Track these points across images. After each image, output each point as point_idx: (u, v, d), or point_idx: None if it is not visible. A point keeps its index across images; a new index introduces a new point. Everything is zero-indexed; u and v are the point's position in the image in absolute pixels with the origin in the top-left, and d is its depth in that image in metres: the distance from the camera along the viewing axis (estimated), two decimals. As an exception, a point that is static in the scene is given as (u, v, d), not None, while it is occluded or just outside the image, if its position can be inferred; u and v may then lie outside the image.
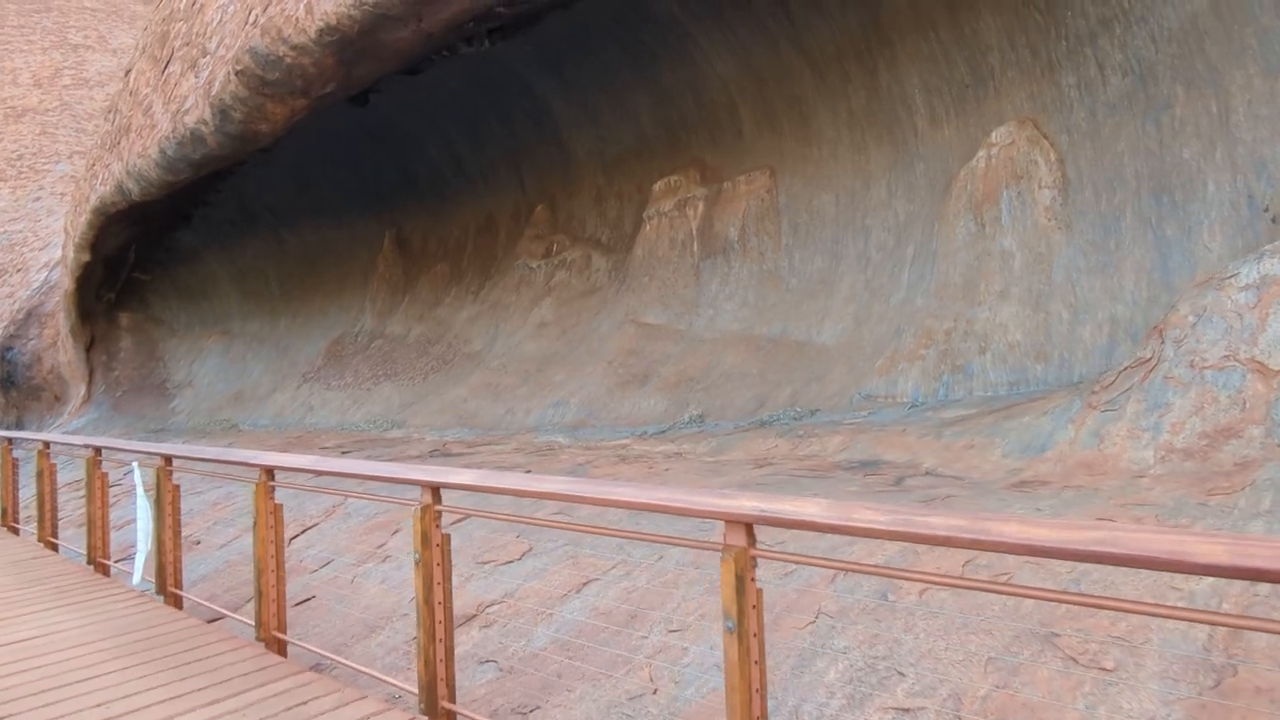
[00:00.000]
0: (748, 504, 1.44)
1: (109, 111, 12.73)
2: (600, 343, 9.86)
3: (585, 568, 3.63)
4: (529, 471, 5.79)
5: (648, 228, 10.68)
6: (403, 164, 14.72)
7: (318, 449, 8.83)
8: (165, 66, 10.43)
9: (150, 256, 17.66)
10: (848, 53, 8.98)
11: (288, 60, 7.58)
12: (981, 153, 7.42)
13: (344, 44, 7.44)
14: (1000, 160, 7.28)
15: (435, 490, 2.15)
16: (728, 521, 1.47)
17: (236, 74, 7.92)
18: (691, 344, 9.14)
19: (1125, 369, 4.42)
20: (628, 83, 11.28)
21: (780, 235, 9.50)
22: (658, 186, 10.83)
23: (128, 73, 12.42)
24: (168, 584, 3.63)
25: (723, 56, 10.12)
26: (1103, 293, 6.26)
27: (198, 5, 10.28)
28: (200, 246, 17.99)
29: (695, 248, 10.08)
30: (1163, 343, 4.27)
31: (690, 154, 10.83)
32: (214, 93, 8.36)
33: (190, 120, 8.86)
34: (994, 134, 7.37)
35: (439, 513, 2.13)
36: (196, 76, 9.22)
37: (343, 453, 7.91)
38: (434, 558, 2.11)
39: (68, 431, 15.98)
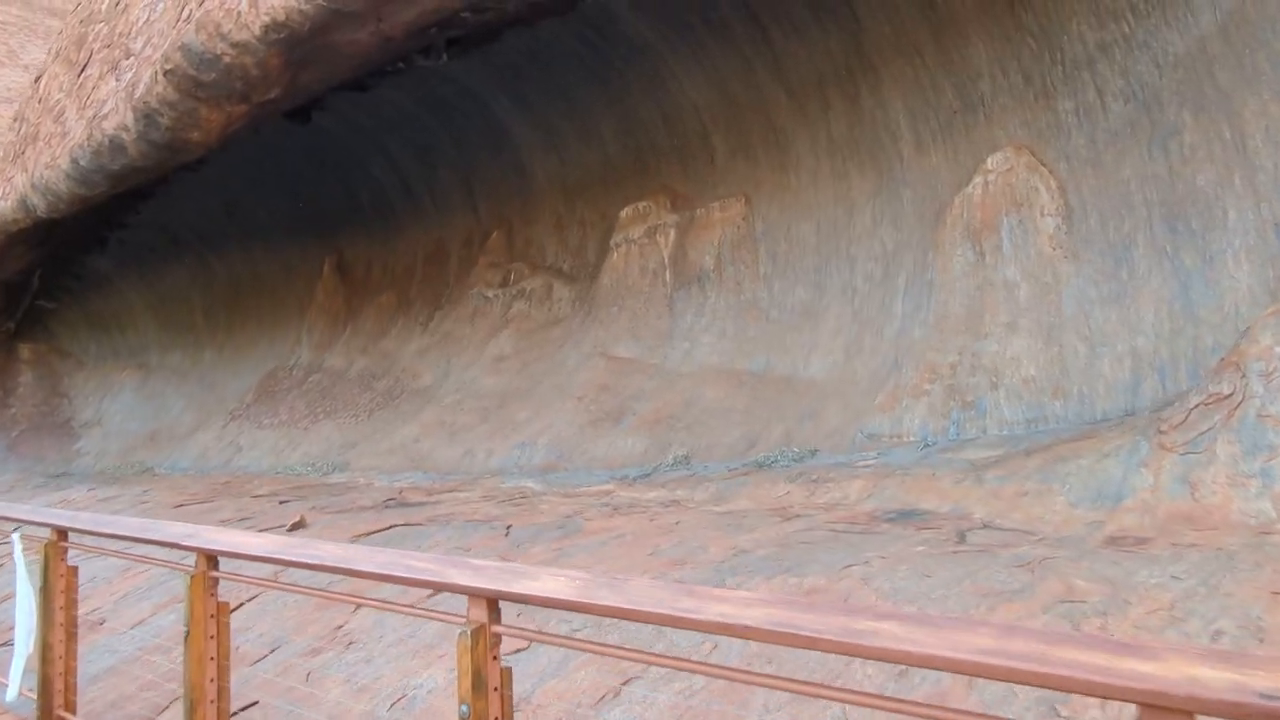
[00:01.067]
0: (1198, 673, 0.72)
1: (14, 121, 11.40)
2: (567, 378, 9.08)
3: (617, 660, 2.85)
4: (509, 528, 4.94)
5: (615, 256, 10.02)
6: (346, 186, 13.73)
7: (249, 496, 7.72)
8: (82, 70, 9.31)
9: (58, 282, 16.01)
10: (828, 78, 8.61)
11: (226, 59, 6.67)
12: (977, 179, 7.05)
13: (293, 43, 6.59)
14: (998, 187, 6.92)
15: (493, 603, 1.35)
16: (1151, 708, 0.73)
17: (165, 74, 6.95)
18: (668, 379, 8.46)
19: (1198, 406, 3.93)
20: (593, 106, 10.70)
21: (759, 265, 8.97)
22: (625, 213, 10.21)
23: (38, 79, 11.16)
24: (54, 705, 2.62)
25: (695, 81, 9.64)
26: (1120, 324, 5.87)
27: (122, 5, 9.25)
28: (115, 272, 16.44)
29: (668, 277, 9.46)
30: (1244, 377, 3.80)
31: (659, 180, 10.27)
32: (138, 95, 7.34)
33: (109, 126, 7.78)
34: (990, 160, 7.02)
35: (499, 637, 1.34)
36: (118, 79, 8.17)
37: (280, 502, 6.86)
38: (491, 708, 1.31)
39: (-48, 476, 14.10)
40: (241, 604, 4.18)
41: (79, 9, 10.76)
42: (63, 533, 2.84)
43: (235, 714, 3.11)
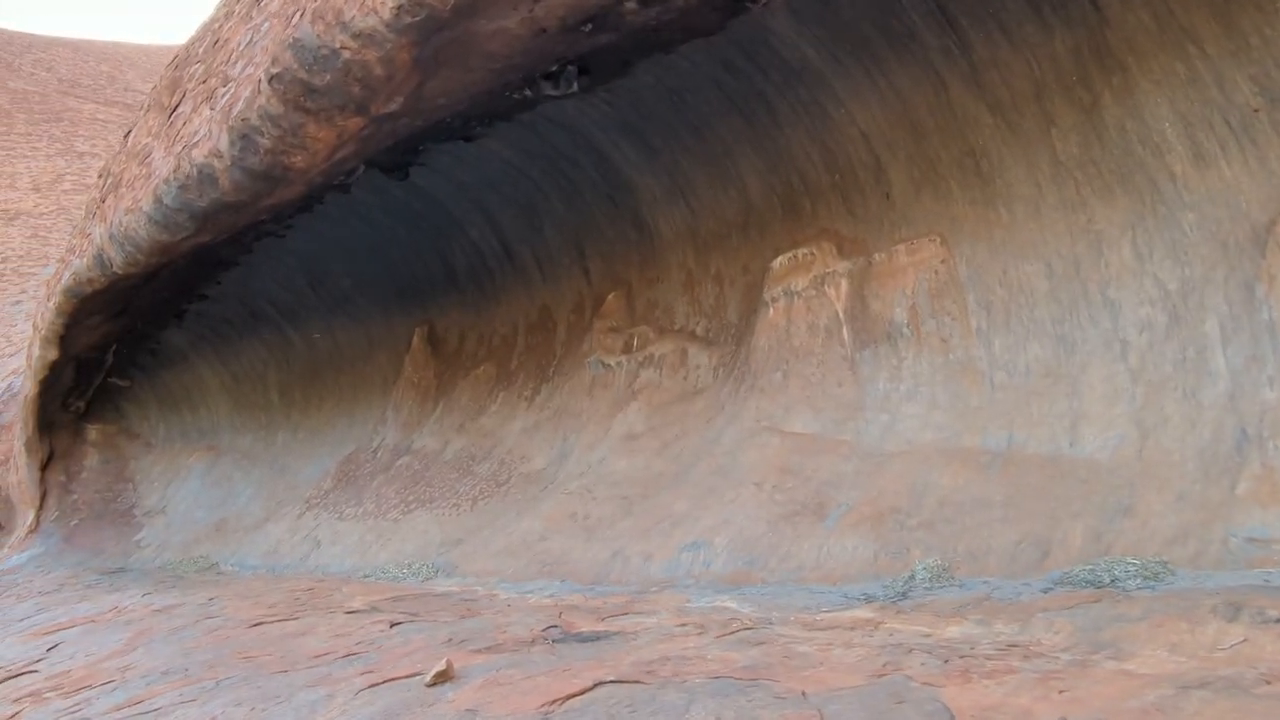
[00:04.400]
0: None
1: (99, 176, 10.42)
2: (727, 458, 7.14)
3: None
4: (806, 699, 2.92)
5: (772, 312, 8.22)
6: (439, 251, 12.40)
7: (342, 611, 5.82)
8: (173, 111, 8.16)
9: (132, 359, 14.87)
10: (1050, 88, 6.86)
11: (345, 55, 5.25)
12: (1327, 186, 5.13)
13: (429, 29, 5.14)
14: (1369, 193, 4.97)
15: None
16: None
17: (271, 81, 5.58)
18: (872, 460, 6.46)
19: None
20: (731, 145, 9.16)
21: (969, 317, 7.04)
22: (779, 263, 8.46)
23: (127, 135, 10.19)
24: None
25: (867, 107, 8.01)
26: None
27: (219, 41, 8.14)
28: (190, 348, 15.28)
29: (845, 335, 7.58)
30: None
31: (817, 223, 8.54)
32: (235, 113, 5.99)
33: (199, 155, 6.45)
34: (1343, 160, 5.11)
35: None
36: (213, 108, 6.90)
37: (391, 624, 4.94)
38: None
39: (2, 570, 12.56)
40: None
41: (174, 59, 9.82)
42: None
43: None
